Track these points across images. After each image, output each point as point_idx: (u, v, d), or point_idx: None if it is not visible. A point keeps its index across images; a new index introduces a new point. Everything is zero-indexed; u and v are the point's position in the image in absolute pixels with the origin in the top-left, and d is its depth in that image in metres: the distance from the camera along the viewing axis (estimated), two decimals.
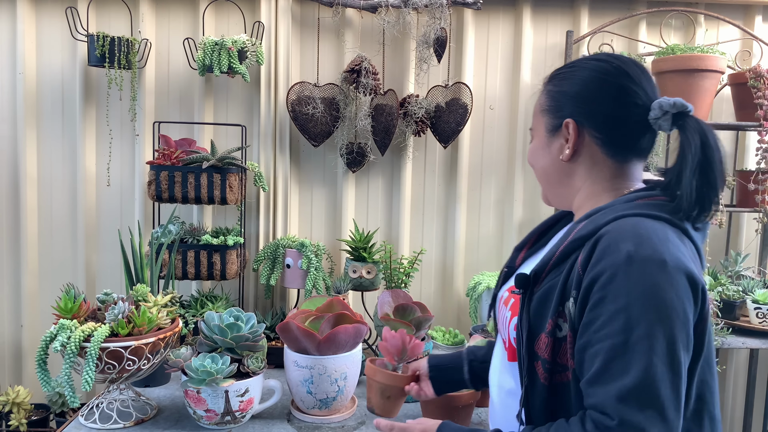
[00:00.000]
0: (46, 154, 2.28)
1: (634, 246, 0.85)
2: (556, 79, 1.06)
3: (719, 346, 2.00)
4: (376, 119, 2.20)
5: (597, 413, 0.84)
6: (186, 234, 2.07)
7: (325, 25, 2.27)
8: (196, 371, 1.45)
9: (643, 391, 0.80)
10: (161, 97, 2.28)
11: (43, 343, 1.44)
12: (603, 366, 0.84)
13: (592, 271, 0.87)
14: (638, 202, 0.94)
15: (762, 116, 2.11)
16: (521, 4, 2.31)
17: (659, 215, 0.91)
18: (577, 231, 0.95)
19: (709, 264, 2.36)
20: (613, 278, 0.84)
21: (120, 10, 2.23)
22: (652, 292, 0.83)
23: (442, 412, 1.50)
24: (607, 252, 0.87)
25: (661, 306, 0.83)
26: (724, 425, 2.50)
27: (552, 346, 0.92)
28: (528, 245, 1.16)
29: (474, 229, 2.41)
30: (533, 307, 0.96)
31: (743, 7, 2.37)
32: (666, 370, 0.81)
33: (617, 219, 0.91)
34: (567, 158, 1.02)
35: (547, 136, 1.05)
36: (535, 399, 0.95)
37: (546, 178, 1.08)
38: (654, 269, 0.84)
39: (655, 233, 0.87)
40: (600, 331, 0.85)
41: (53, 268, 2.32)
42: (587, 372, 0.86)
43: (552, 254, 0.97)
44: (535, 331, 0.95)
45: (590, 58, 1.03)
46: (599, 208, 0.97)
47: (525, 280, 0.98)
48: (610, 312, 0.84)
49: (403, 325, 1.70)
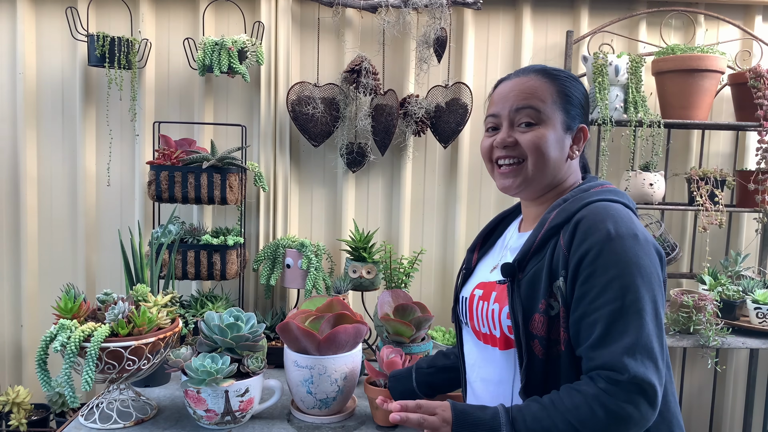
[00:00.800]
0: (46, 154, 2.28)
1: (613, 224, 0.98)
2: (560, 80, 1.12)
3: (719, 346, 2.00)
4: (376, 119, 2.20)
5: (606, 371, 0.93)
6: (186, 234, 2.07)
7: (325, 25, 2.27)
8: (196, 371, 1.45)
9: (642, 346, 0.93)
10: (161, 97, 2.28)
11: (43, 343, 1.44)
12: (605, 330, 0.94)
13: (579, 250, 0.99)
14: (593, 190, 1.08)
15: (762, 116, 2.11)
16: (521, 4, 2.31)
17: (615, 199, 1.06)
18: (551, 220, 1.06)
19: (709, 264, 2.36)
20: (600, 253, 0.96)
21: (120, 10, 2.23)
22: (634, 261, 0.96)
23: None
24: (589, 232, 0.99)
25: (644, 272, 0.96)
26: (725, 425, 2.50)
27: (547, 324, 1.02)
28: (478, 247, 1.29)
29: (474, 229, 2.40)
30: (523, 291, 1.05)
31: (743, 7, 2.36)
32: (654, 326, 0.95)
33: (587, 205, 1.04)
34: (574, 158, 1.14)
35: (562, 131, 1.12)
36: (534, 375, 1.04)
37: (545, 167, 1.11)
38: (632, 242, 0.97)
39: (620, 213, 1.01)
40: (596, 300, 0.96)
41: (53, 268, 2.32)
42: (587, 339, 0.97)
43: (531, 242, 1.07)
44: (529, 313, 1.04)
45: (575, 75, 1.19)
46: (563, 198, 1.09)
47: (511, 269, 1.07)
48: (602, 283, 0.96)
49: (403, 325, 1.70)
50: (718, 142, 2.43)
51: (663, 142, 2.29)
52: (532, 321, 1.03)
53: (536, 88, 1.11)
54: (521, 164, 1.11)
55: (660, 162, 2.30)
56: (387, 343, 1.76)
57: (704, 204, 2.14)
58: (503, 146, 1.12)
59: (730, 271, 2.28)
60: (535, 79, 1.11)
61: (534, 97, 1.10)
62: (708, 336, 1.99)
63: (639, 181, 2.17)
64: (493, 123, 1.15)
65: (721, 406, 2.50)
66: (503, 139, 1.11)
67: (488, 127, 1.16)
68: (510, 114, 1.11)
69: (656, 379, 0.92)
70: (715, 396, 2.49)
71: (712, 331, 2.00)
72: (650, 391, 0.92)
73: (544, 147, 1.10)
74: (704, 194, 2.15)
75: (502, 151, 1.12)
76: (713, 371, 2.47)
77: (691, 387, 2.50)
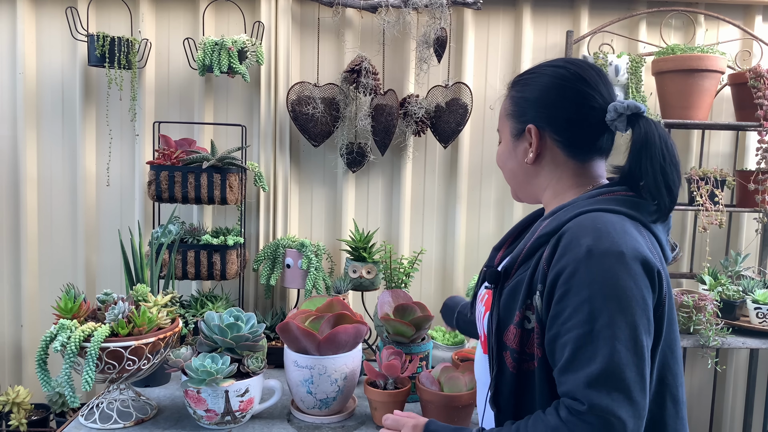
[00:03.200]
0: (46, 154, 2.28)
1: (593, 240, 0.90)
2: (518, 84, 1.11)
3: (719, 346, 2.00)
4: (376, 119, 2.20)
5: (569, 399, 0.88)
6: (186, 234, 2.07)
7: (325, 25, 2.27)
8: (196, 371, 1.45)
9: (610, 376, 0.85)
10: (161, 97, 2.28)
11: (43, 343, 1.44)
12: (571, 355, 0.88)
13: (556, 266, 0.92)
14: (599, 198, 1.00)
15: (762, 116, 2.11)
16: (521, 4, 2.31)
17: (616, 209, 0.96)
18: (542, 228, 1.00)
19: (709, 264, 2.35)
20: (575, 272, 0.90)
21: (120, 10, 2.23)
22: (611, 282, 0.87)
23: (442, 411, 1.50)
24: (568, 248, 0.92)
25: (621, 295, 0.87)
26: (725, 425, 2.50)
27: (520, 336, 0.98)
28: (506, 245, 1.21)
29: (474, 229, 2.41)
30: (503, 300, 1.02)
31: (743, 7, 2.36)
32: (630, 354, 0.86)
33: (578, 215, 0.96)
34: (531, 161, 1.08)
35: (512, 140, 1.11)
36: (504, 386, 1.01)
37: (514, 178, 1.14)
38: (612, 261, 0.88)
39: (612, 226, 0.92)
40: (567, 322, 0.90)
41: (53, 268, 2.31)
42: (558, 361, 0.91)
43: (520, 251, 1.03)
44: (505, 323, 1.01)
45: (549, 64, 1.08)
46: (562, 205, 1.02)
47: (496, 276, 1.04)
48: (574, 304, 0.89)
49: (403, 325, 1.70)
50: (718, 142, 2.43)
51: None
52: (507, 332, 1.00)
53: (502, 104, 1.15)
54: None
55: None
56: (387, 343, 1.76)
57: (704, 204, 2.14)
58: None
59: (730, 271, 2.28)
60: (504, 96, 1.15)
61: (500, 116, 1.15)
62: (708, 336, 1.99)
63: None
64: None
65: (721, 406, 2.50)
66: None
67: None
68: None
69: (625, 412, 0.84)
70: (715, 396, 2.49)
71: (712, 331, 2.00)
72: (617, 426, 0.84)
73: (500, 162, 1.16)
74: (704, 194, 2.15)
75: None
76: (713, 371, 2.47)
77: (691, 387, 2.50)
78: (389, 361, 1.57)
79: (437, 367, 1.60)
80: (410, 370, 1.59)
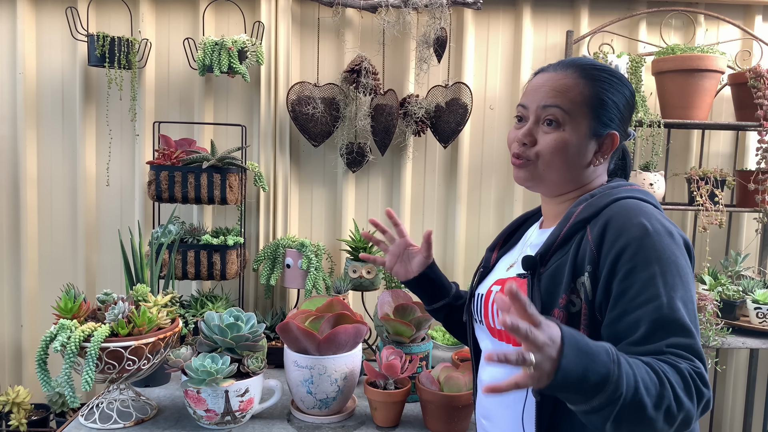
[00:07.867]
0: (46, 154, 2.28)
1: (648, 221, 0.96)
2: (606, 84, 1.07)
3: (719, 346, 2.00)
4: (376, 119, 2.20)
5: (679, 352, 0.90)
6: (186, 234, 2.07)
7: (325, 25, 2.27)
8: (196, 371, 1.45)
9: (689, 347, 0.89)
10: (161, 97, 2.28)
11: (43, 343, 1.44)
12: (651, 326, 0.90)
13: (615, 246, 0.96)
14: (623, 188, 1.06)
15: (762, 116, 2.11)
16: (521, 4, 2.31)
17: (645, 198, 1.04)
18: (578, 214, 1.03)
19: (709, 264, 2.36)
20: (639, 249, 0.94)
21: (120, 10, 2.23)
22: (672, 258, 0.93)
23: (442, 411, 1.50)
24: (624, 228, 0.96)
25: (681, 269, 0.94)
26: (725, 425, 2.50)
27: (566, 320, 0.99)
28: (498, 246, 1.24)
29: (474, 229, 2.41)
30: (544, 285, 1.03)
31: (743, 7, 2.36)
32: (692, 323, 0.91)
33: (616, 201, 1.01)
34: (597, 165, 1.10)
35: (587, 135, 1.07)
36: None
37: (562, 167, 1.08)
38: (668, 239, 0.95)
39: (654, 210, 0.99)
40: (637, 298, 0.92)
41: (53, 268, 2.32)
42: (629, 337, 0.92)
43: (556, 236, 1.05)
44: (548, 308, 1.01)
45: (619, 74, 1.11)
46: (591, 194, 1.07)
47: (532, 262, 1.04)
48: (643, 279, 0.92)
49: (403, 325, 1.70)
50: (718, 142, 2.43)
51: (663, 142, 2.29)
52: (550, 317, 0.98)
53: (569, 87, 1.06)
54: (531, 162, 1.09)
55: (660, 162, 2.30)
56: (387, 343, 1.76)
57: (704, 204, 2.14)
58: (521, 143, 1.09)
59: (730, 271, 2.28)
60: (571, 77, 1.07)
61: (564, 97, 1.05)
62: (708, 336, 1.99)
63: (639, 181, 2.17)
64: (521, 113, 1.11)
65: (721, 406, 2.50)
66: (522, 137, 1.09)
67: (516, 115, 1.13)
68: (537, 110, 1.08)
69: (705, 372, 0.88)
70: (715, 396, 2.49)
71: (712, 331, 2.00)
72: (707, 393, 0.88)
73: (562, 151, 1.06)
74: (704, 194, 2.15)
75: (516, 147, 1.10)
76: (713, 371, 2.47)
77: None
78: (389, 361, 1.57)
79: (437, 367, 1.60)
80: (410, 370, 1.59)
